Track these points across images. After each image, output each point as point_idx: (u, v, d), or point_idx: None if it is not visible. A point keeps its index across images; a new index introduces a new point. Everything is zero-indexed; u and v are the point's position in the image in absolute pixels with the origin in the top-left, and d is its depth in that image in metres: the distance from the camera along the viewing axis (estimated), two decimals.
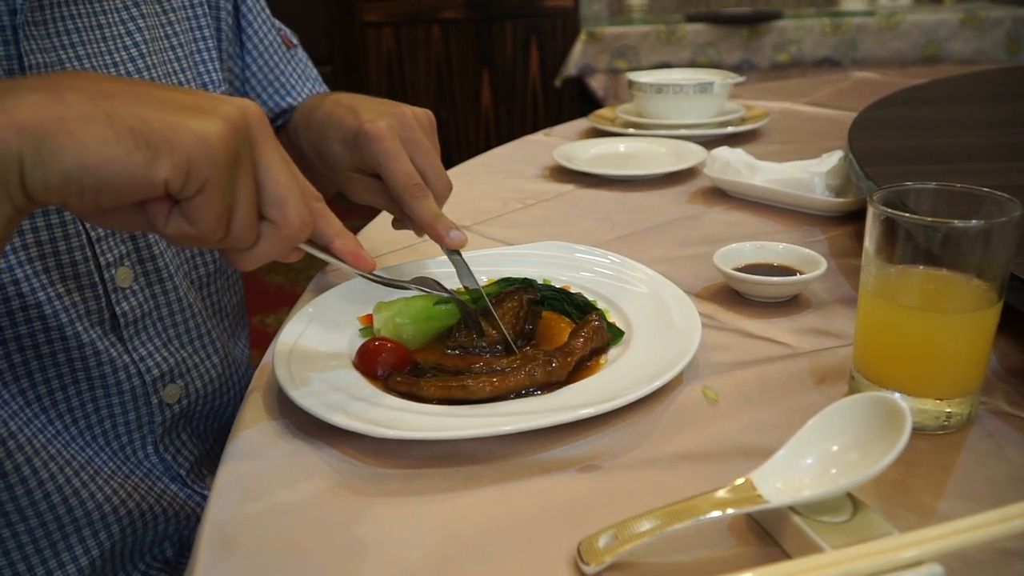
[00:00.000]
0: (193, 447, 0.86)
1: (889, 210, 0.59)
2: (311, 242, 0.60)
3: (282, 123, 1.01)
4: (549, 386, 0.65)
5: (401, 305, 0.73)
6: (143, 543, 0.80)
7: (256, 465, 0.60)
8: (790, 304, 0.82)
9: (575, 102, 4.20)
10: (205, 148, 0.47)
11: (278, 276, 3.56)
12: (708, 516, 0.48)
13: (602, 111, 1.64)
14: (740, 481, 0.50)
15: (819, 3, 4.47)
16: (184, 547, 0.85)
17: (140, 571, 0.81)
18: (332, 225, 0.61)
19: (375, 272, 0.66)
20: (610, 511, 0.53)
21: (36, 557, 0.72)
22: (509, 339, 0.71)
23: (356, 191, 0.82)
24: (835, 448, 0.51)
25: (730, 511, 0.48)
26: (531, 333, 0.74)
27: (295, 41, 1.04)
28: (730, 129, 1.48)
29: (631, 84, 1.54)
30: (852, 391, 0.65)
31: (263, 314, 3.19)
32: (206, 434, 0.89)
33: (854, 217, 1.05)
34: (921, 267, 0.59)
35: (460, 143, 4.19)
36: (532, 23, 4.17)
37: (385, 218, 1.11)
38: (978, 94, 1.56)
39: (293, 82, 1.00)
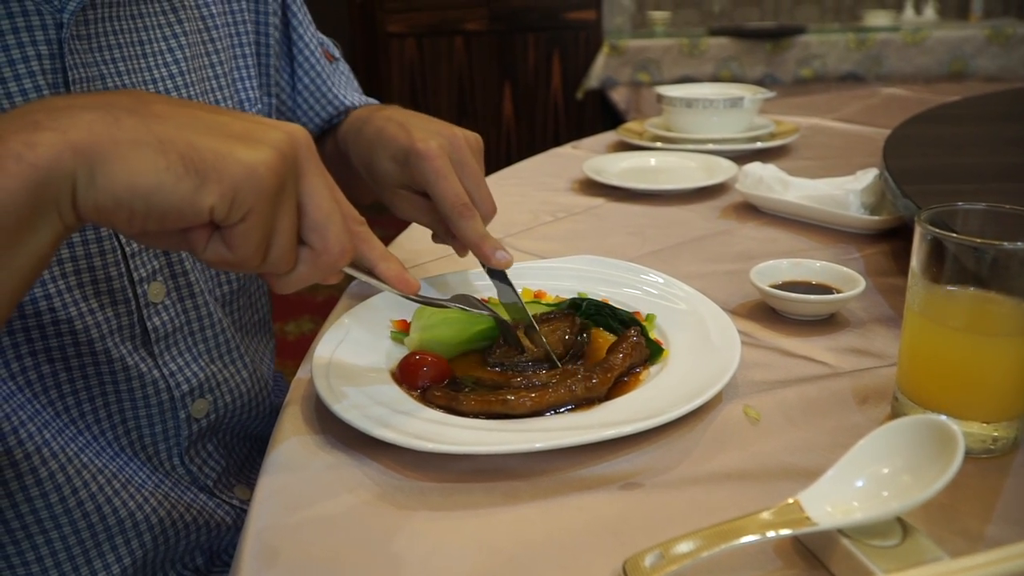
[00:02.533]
0: (220, 458, 0.86)
1: (937, 230, 0.58)
2: (353, 265, 0.60)
3: (331, 127, 1.01)
4: (588, 402, 0.65)
5: (441, 314, 0.73)
6: (175, 552, 0.80)
7: (296, 477, 0.60)
8: (827, 323, 0.81)
9: (597, 115, 4.21)
10: (252, 178, 0.46)
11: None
12: (756, 538, 0.48)
13: (630, 124, 1.64)
14: (788, 502, 0.50)
15: (844, 18, 4.46)
16: (214, 556, 0.85)
17: None
18: (375, 249, 0.60)
19: (418, 294, 0.65)
20: (654, 529, 0.53)
21: (68, 564, 0.73)
22: (552, 355, 0.71)
23: (402, 207, 0.82)
24: (886, 470, 0.50)
25: (779, 533, 0.48)
26: (580, 350, 0.74)
27: (337, 55, 1.05)
28: (759, 144, 1.48)
29: (660, 98, 1.54)
30: (895, 413, 0.64)
31: (283, 322, 3.21)
32: (232, 446, 0.89)
33: (890, 235, 1.04)
34: (969, 288, 0.59)
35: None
36: (555, 36, 4.18)
37: (417, 229, 1.11)
38: (1015, 112, 1.55)
39: (340, 90, 1.01)
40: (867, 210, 1.07)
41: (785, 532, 0.48)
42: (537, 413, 0.63)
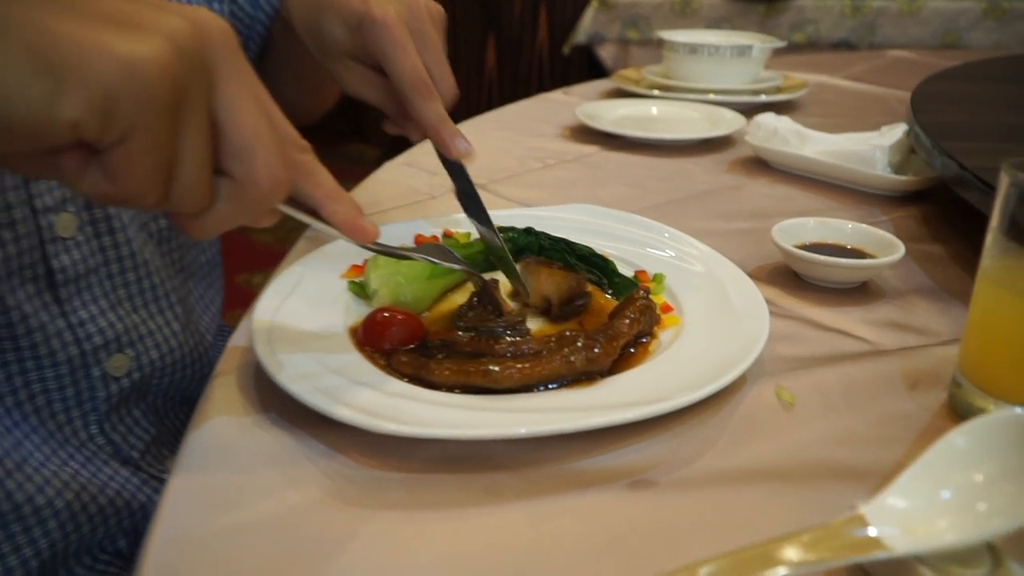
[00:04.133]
0: (149, 425, 0.73)
1: None
2: (295, 203, 0.47)
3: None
4: (589, 377, 0.53)
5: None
6: (91, 540, 0.68)
7: (222, 466, 0.47)
8: (859, 292, 0.70)
9: (583, 72, 4.04)
10: (133, 81, 0.34)
11: (265, 233, 3.41)
12: (809, 566, 0.37)
13: (627, 71, 1.51)
14: (848, 516, 0.39)
15: None
16: (139, 538, 0.73)
17: (86, 566, 0.69)
18: (321, 184, 0.47)
19: (376, 241, 0.53)
20: (671, 542, 0.42)
21: None
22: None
23: (350, 81, 0.70)
24: (979, 478, 0.39)
25: (844, 560, 0.37)
26: (578, 310, 0.62)
27: None
28: (764, 98, 1.36)
29: (662, 43, 1.41)
30: (956, 401, 0.53)
31: (249, 272, 3.05)
32: (165, 411, 0.76)
33: (917, 198, 0.93)
34: None
35: (461, 107, 4.03)
36: None
37: (385, 170, 0.98)
38: None
39: None
40: (892, 169, 0.96)
41: (851, 560, 0.37)
42: (526, 388, 0.52)
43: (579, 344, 0.53)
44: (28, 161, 0.38)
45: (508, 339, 0.57)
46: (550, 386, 0.52)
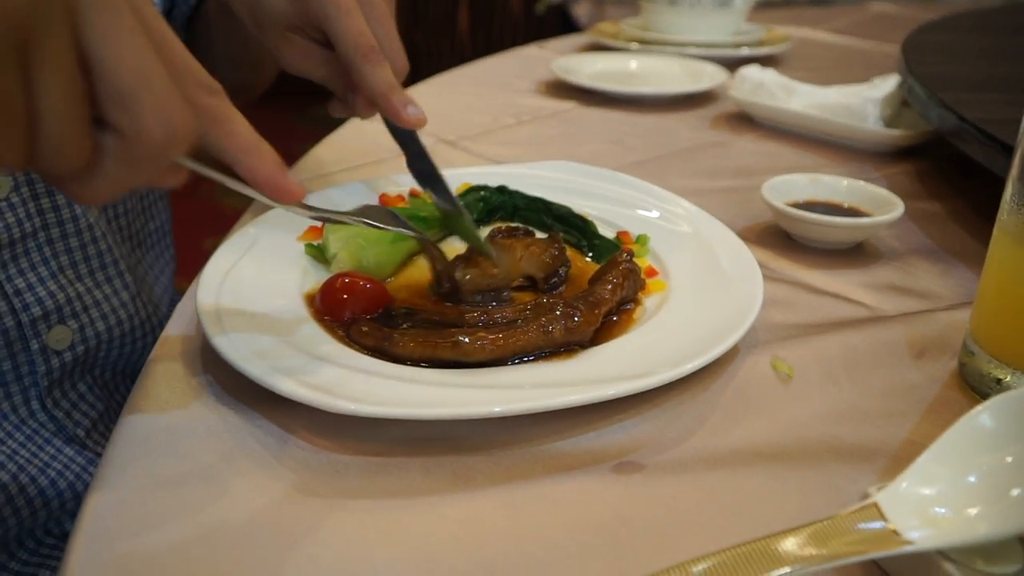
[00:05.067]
0: (95, 400, 0.67)
1: None
2: (201, 158, 0.39)
3: None
4: (568, 348, 0.48)
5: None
6: (32, 523, 0.62)
7: (160, 451, 0.42)
8: (855, 253, 0.66)
9: (557, 33, 3.95)
10: None
11: (234, 196, 3.31)
12: (818, 563, 0.32)
13: (603, 25, 1.46)
14: (861, 506, 0.35)
15: None
16: None
17: (29, 550, 0.64)
18: (236, 134, 0.39)
19: (305, 203, 0.46)
20: (661, 533, 0.38)
21: None
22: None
23: (291, 56, 0.63)
24: (1009, 460, 0.35)
25: (860, 556, 0.33)
26: (559, 282, 0.57)
27: None
28: (746, 51, 1.31)
29: None
30: (968, 370, 0.49)
31: (216, 237, 2.97)
32: (114, 385, 0.71)
33: (910, 154, 0.89)
34: None
35: (432, 68, 3.94)
36: None
37: (351, 127, 0.92)
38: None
39: None
40: (884, 123, 0.91)
41: (865, 556, 0.33)
42: (499, 362, 0.47)
43: (557, 312, 0.48)
44: None
45: (479, 308, 0.52)
46: (526, 359, 0.47)
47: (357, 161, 0.83)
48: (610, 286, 0.52)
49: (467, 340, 0.46)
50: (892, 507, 0.34)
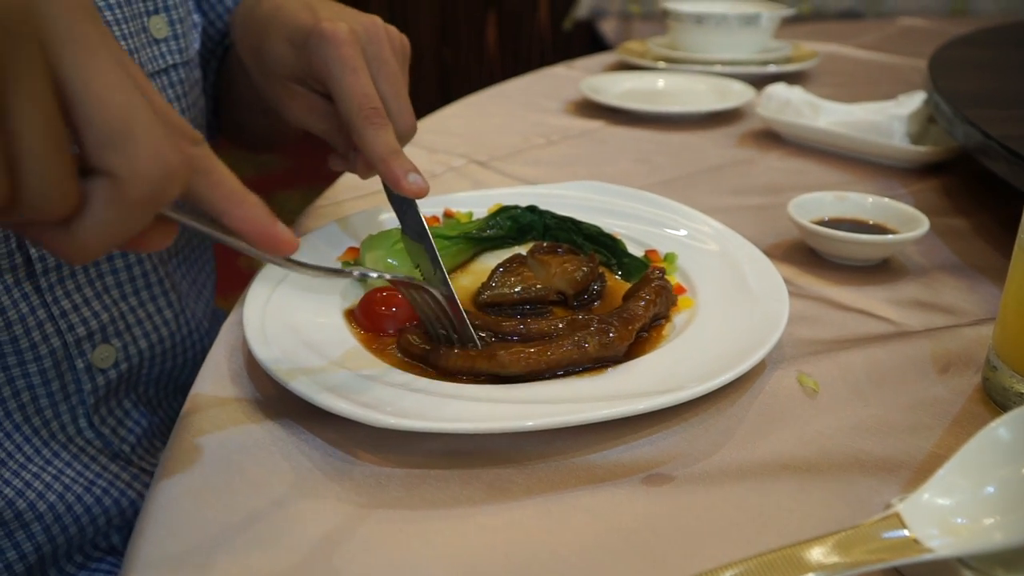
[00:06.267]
0: (140, 416, 0.70)
1: None
2: (188, 210, 0.37)
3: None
4: (601, 363, 0.50)
5: (397, 239, 0.58)
6: (80, 540, 0.65)
7: (211, 464, 0.45)
8: (880, 270, 0.67)
9: (585, 48, 3.98)
10: None
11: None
12: (842, 571, 0.34)
13: (631, 44, 1.48)
14: (884, 516, 0.36)
15: None
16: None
17: (77, 564, 0.66)
18: (222, 184, 0.36)
19: (295, 258, 0.41)
20: (690, 542, 0.39)
21: None
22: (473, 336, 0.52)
23: (293, 107, 0.61)
24: None
25: (883, 564, 0.34)
26: (595, 297, 0.59)
27: None
28: (773, 68, 1.32)
29: (667, 13, 1.37)
30: (991, 385, 0.50)
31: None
32: (156, 401, 0.73)
33: (937, 170, 0.89)
34: None
35: (463, 86, 3.98)
36: None
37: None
38: None
39: None
40: (910, 140, 0.92)
41: (887, 564, 0.34)
42: (535, 375, 0.49)
43: (592, 328, 0.50)
44: None
45: (516, 319, 0.54)
46: (559, 373, 0.49)
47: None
48: (643, 303, 0.53)
49: (503, 353, 0.48)
50: (914, 517, 0.36)
